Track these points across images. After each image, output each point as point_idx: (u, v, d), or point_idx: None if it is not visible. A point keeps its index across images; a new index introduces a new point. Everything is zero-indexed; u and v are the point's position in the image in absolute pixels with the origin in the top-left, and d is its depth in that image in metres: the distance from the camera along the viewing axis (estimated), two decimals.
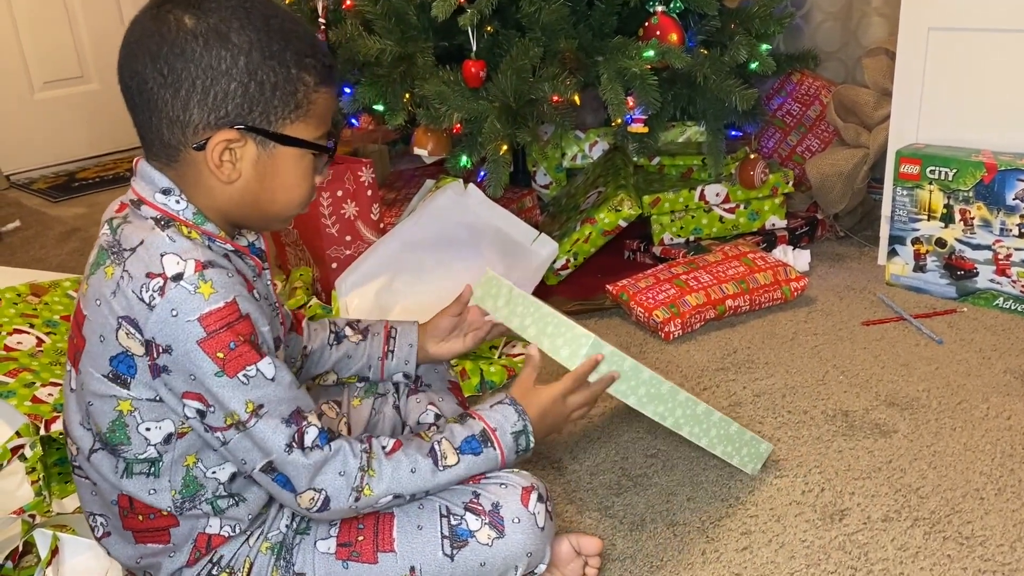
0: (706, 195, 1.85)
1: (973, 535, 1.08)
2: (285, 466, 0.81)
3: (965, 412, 1.33)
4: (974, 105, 1.68)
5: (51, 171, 2.94)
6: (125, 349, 0.77)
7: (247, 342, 0.78)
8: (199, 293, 0.76)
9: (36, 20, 2.82)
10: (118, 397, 0.79)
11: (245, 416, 0.79)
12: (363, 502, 0.84)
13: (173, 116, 0.78)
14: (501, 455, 0.91)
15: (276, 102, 0.80)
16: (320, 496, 0.82)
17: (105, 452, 0.83)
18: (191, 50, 0.77)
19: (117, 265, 0.78)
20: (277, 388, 0.80)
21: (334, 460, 0.82)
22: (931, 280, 1.71)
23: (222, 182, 0.81)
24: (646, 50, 1.61)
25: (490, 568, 0.88)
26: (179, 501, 0.84)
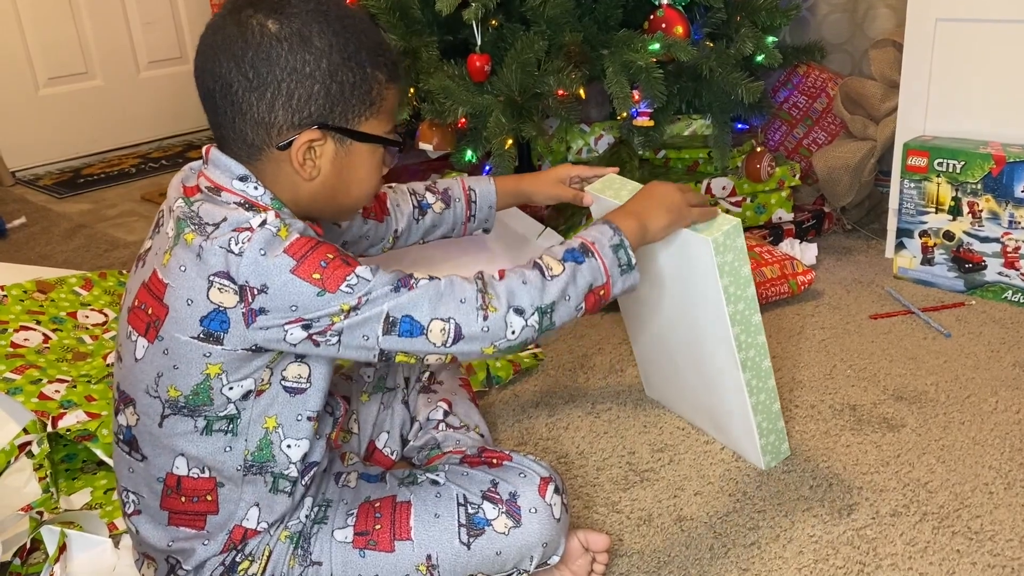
0: (712, 188, 1.84)
1: (982, 530, 1.07)
2: (403, 305, 0.80)
3: (974, 406, 1.32)
4: (982, 97, 1.67)
5: (56, 167, 2.94)
6: (218, 305, 0.78)
7: (336, 258, 0.79)
8: (279, 235, 0.78)
9: (40, 16, 2.82)
10: (208, 359, 0.80)
11: (355, 302, 0.79)
12: (492, 320, 0.82)
13: (258, 118, 0.81)
14: (603, 264, 0.90)
15: (354, 101, 0.83)
16: (450, 325, 0.81)
17: (180, 416, 0.83)
18: (276, 54, 0.80)
19: (199, 234, 0.79)
20: (381, 278, 0.81)
21: (451, 289, 0.82)
22: (939, 273, 1.70)
23: (304, 179, 0.84)
24: (652, 43, 1.60)
25: (506, 557, 0.89)
26: (249, 462, 0.85)
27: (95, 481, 1.21)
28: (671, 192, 1.01)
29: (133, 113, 3.07)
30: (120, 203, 2.55)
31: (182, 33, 3.16)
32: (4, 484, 1.16)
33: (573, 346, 1.56)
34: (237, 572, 0.87)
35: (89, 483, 1.21)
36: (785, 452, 1.21)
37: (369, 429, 1.09)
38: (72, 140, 2.97)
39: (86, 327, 1.49)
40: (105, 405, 1.22)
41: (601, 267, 0.90)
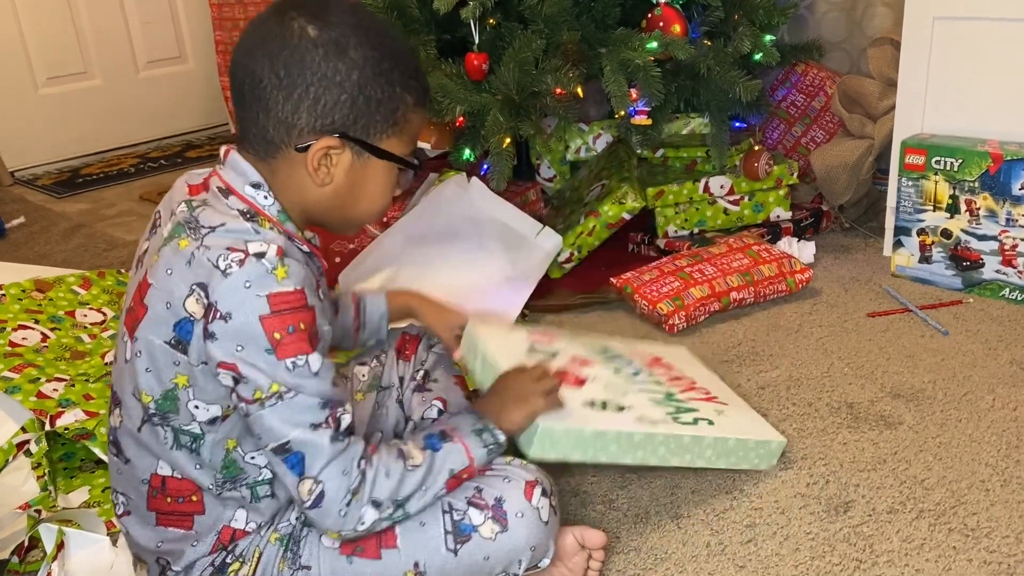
0: (710, 187, 1.84)
1: (979, 527, 1.07)
2: (305, 442, 0.80)
3: (971, 403, 1.32)
4: (980, 95, 1.67)
5: (55, 167, 2.94)
6: (189, 314, 0.79)
7: (305, 331, 0.79)
8: (274, 274, 0.78)
9: (39, 15, 2.82)
10: (176, 368, 0.81)
11: (283, 390, 0.79)
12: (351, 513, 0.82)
13: (282, 116, 0.82)
14: (465, 448, 0.89)
15: (378, 117, 0.84)
16: (318, 489, 0.81)
17: (153, 424, 0.84)
18: (310, 58, 0.81)
19: (194, 240, 0.80)
20: (319, 383, 0.80)
21: (345, 455, 0.82)
22: (937, 271, 1.71)
23: (315, 184, 0.85)
24: (649, 41, 1.61)
25: (494, 562, 0.88)
26: (220, 480, 0.86)
27: (93, 479, 1.22)
28: (526, 383, 0.98)
29: (132, 113, 3.07)
30: (119, 203, 2.56)
31: (181, 33, 3.16)
32: (2, 482, 1.16)
33: None
34: (227, 573, 0.88)
35: (87, 481, 1.21)
36: (779, 446, 1.19)
37: (363, 428, 1.09)
38: (71, 140, 2.97)
39: (84, 326, 1.49)
40: (103, 404, 1.22)
41: (463, 451, 0.89)
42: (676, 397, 1.17)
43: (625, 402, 1.10)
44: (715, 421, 1.15)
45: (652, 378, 1.20)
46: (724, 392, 1.26)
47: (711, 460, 1.13)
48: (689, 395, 1.19)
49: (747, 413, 1.23)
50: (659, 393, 1.16)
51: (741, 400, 1.27)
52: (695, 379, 1.26)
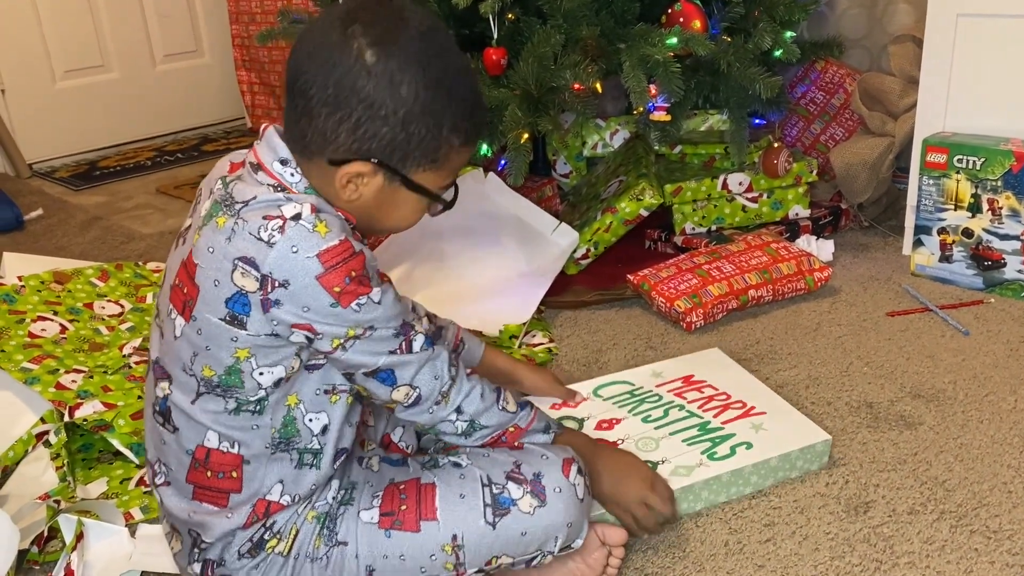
0: (729, 184, 1.83)
1: (1001, 529, 1.06)
2: (392, 362, 0.86)
3: (992, 404, 1.31)
4: (1003, 93, 1.65)
5: (73, 160, 2.95)
6: (240, 288, 0.80)
7: (360, 276, 0.81)
8: (316, 231, 0.79)
9: (58, 9, 2.83)
10: (236, 343, 0.82)
11: (359, 332, 0.83)
12: (437, 411, 0.90)
13: (322, 129, 0.82)
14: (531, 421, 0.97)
15: (418, 153, 0.84)
16: (414, 393, 0.88)
17: (212, 395, 0.84)
18: (361, 85, 0.80)
19: (230, 216, 0.81)
20: (385, 308, 0.83)
21: (434, 362, 0.88)
22: (957, 271, 1.69)
23: (343, 199, 0.85)
24: (669, 37, 1.60)
25: (531, 537, 0.89)
26: (276, 440, 0.87)
27: (111, 471, 1.22)
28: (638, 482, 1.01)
29: (149, 106, 3.08)
30: (136, 195, 2.57)
31: (198, 27, 3.17)
32: (22, 473, 1.17)
33: (587, 340, 1.56)
34: (265, 549, 0.88)
35: (105, 473, 1.22)
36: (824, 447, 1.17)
37: (383, 423, 1.09)
38: (88, 133, 2.98)
39: (102, 318, 1.49)
40: (121, 396, 1.23)
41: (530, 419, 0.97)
42: (710, 427, 1.17)
43: (657, 456, 1.12)
44: (753, 443, 1.14)
45: (683, 412, 1.21)
46: (762, 396, 1.24)
47: (759, 484, 1.14)
48: (724, 417, 1.19)
49: (788, 417, 1.20)
50: (692, 429, 1.17)
51: (780, 400, 1.24)
52: (729, 391, 1.25)
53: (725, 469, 1.10)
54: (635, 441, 1.15)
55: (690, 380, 1.28)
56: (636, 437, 1.16)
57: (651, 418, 1.20)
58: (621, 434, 1.16)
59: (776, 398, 1.24)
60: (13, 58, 2.77)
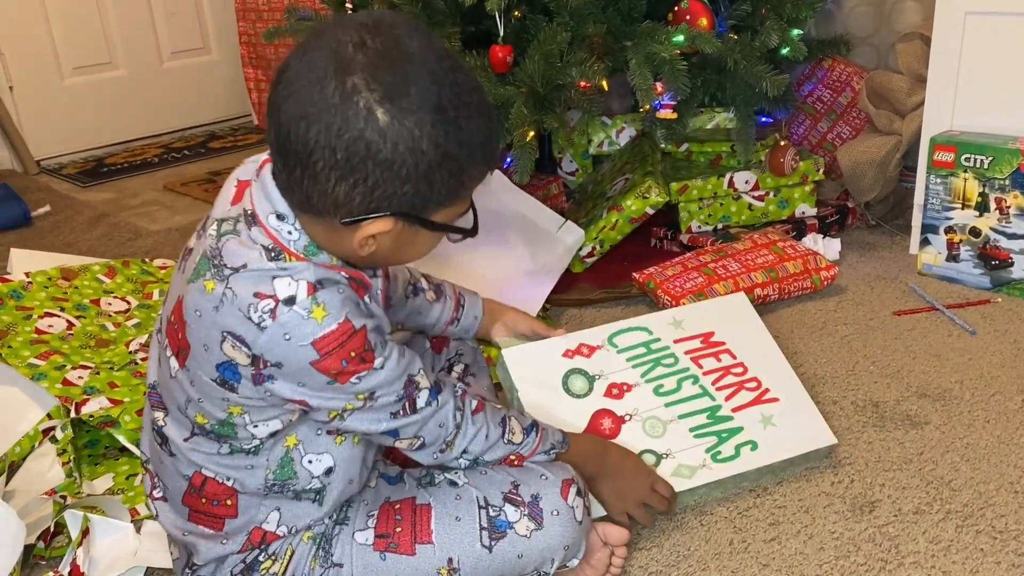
0: (735, 182, 1.83)
1: (1007, 529, 1.06)
2: (395, 428, 0.84)
3: (999, 404, 1.31)
4: (1011, 91, 1.64)
5: (80, 156, 2.96)
6: (230, 359, 0.76)
7: (360, 354, 0.77)
8: (312, 318, 0.74)
9: (66, 6, 2.84)
10: (228, 401, 0.79)
11: (359, 403, 0.81)
12: (443, 456, 0.89)
13: (332, 195, 0.73)
14: (537, 445, 0.95)
15: (441, 196, 0.76)
16: (418, 442, 0.86)
17: (205, 437, 0.83)
18: (376, 148, 0.71)
19: (219, 281, 0.76)
20: (388, 372, 0.80)
21: (439, 413, 0.86)
22: (964, 270, 1.68)
23: (358, 255, 0.78)
24: (676, 35, 1.59)
25: (527, 560, 0.88)
26: (271, 481, 0.85)
27: (117, 467, 1.22)
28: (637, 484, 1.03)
29: (156, 103, 3.09)
30: (143, 192, 2.57)
31: (205, 24, 3.17)
32: (28, 468, 1.18)
33: None
34: (259, 570, 0.87)
35: (111, 468, 1.22)
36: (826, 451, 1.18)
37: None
38: (96, 129, 2.99)
39: (109, 314, 1.50)
40: (127, 392, 1.23)
41: (534, 446, 0.94)
42: (720, 414, 1.15)
43: (662, 447, 1.11)
44: (759, 443, 1.13)
45: (696, 387, 1.17)
46: (777, 371, 1.21)
47: (761, 481, 1.14)
48: (736, 401, 1.17)
49: (798, 410, 1.18)
50: (702, 415, 1.15)
51: (796, 383, 1.21)
52: (746, 362, 1.21)
53: (727, 473, 1.10)
54: (643, 421, 1.12)
55: (709, 340, 1.22)
56: (644, 415, 1.13)
57: (663, 390, 1.16)
58: (629, 408, 1.13)
59: (790, 376, 1.21)
60: (21, 55, 2.78)
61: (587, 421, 1.11)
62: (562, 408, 1.11)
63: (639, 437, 1.11)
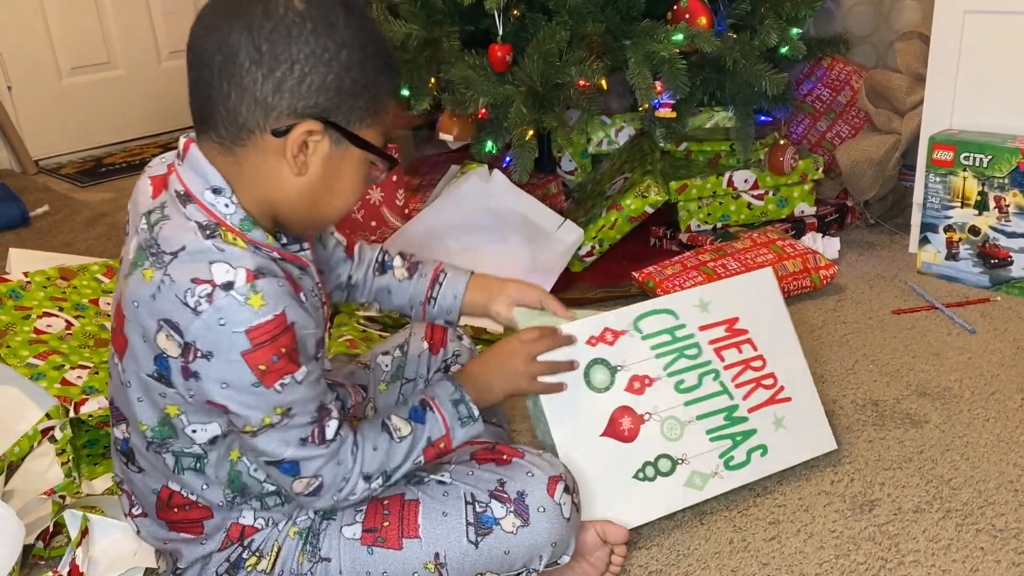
0: (734, 181, 1.83)
1: (1007, 527, 1.06)
2: (298, 457, 0.81)
3: (998, 403, 1.31)
4: (1010, 90, 1.64)
5: (78, 156, 2.96)
6: (163, 350, 0.76)
7: (288, 354, 0.76)
8: (249, 304, 0.74)
9: (64, 7, 2.84)
10: (164, 400, 0.79)
11: (276, 419, 0.79)
12: (341, 495, 0.85)
13: (260, 97, 0.75)
14: (442, 418, 0.91)
15: (360, 103, 0.78)
16: (316, 483, 0.83)
17: (152, 452, 0.83)
18: (298, 32, 0.74)
19: (157, 268, 0.75)
20: (307, 388, 0.79)
21: (342, 449, 0.84)
22: (964, 268, 1.68)
23: (291, 173, 0.78)
24: (675, 34, 1.59)
25: (514, 557, 0.88)
26: (230, 496, 0.86)
27: None
28: (515, 358, 0.98)
29: (155, 103, 3.08)
30: None
31: None
32: (27, 468, 1.17)
33: None
34: (244, 567, 0.87)
35: (110, 468, 1.22)
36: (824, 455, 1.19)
37: None
38: (94, 129, 2.99)
39: (108, 314, 1.50)
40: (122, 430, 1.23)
41: (441, 421, 0.90)
42: (736, 414, 1.13)
43: (679, 451, 1.09)
44: (769, 448, 1.13)
45: (716, 383, 1.14)
46: (794, 366, 1.19)
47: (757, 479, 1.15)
48: (752, 401, 1.15)
49: (809, 412, 1.18)
50: (719, 415, 1.12)
51: (808, 379, 1.19)
52: (765, 354, 1.17)
53: (736, 483, 1.11)
54: (662, 421, 1.09)
55: (733, 327, 1.17)
56: (664, 414, 1.09)
57: (684, 386, 1.12)
58: (649, 406, 1.09)
59: (804, 372, 1.19)
60: (20, 55, 2.77)
61: (607, 420, 1.07)
62: (582, 405, 1.06)
63: (657, 440, 1.09)
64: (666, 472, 1.08)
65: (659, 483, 1.07)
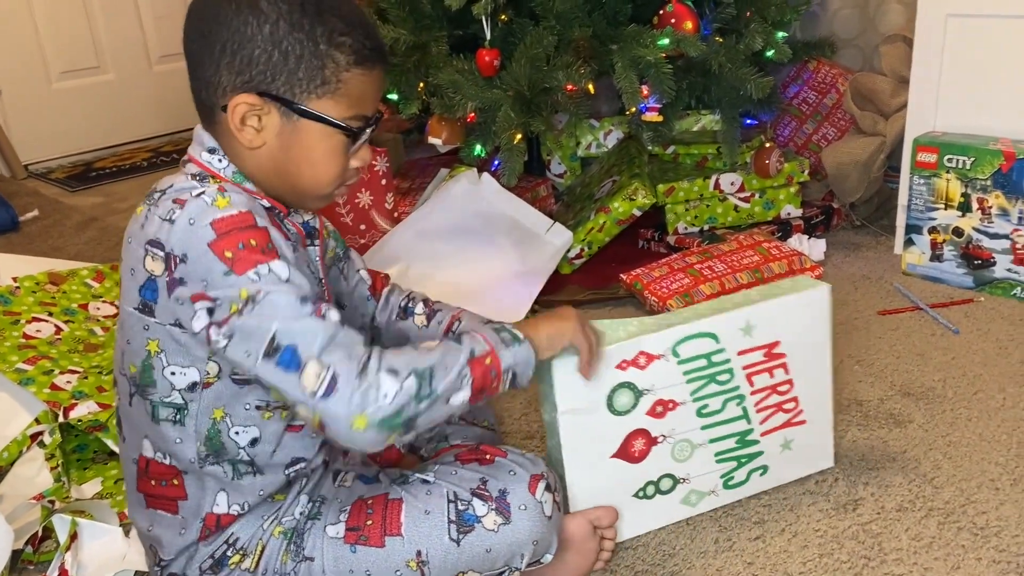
0: (721, 184, 1.84)
1: (988, 525, 1.07)
2: (293, 331, 0.75)
3: (981, 402, 1.32)
4: (993, 92, 1.66)
5: (68, 161, 2.96)
6: (150, 273, 0.80)
7: (258, 247, 0.77)
8: (215, 205, 0.79)
9: (53, 10, 2.84)
10: (147, 332, 0.82)
11: (254, 292, 0.76)
12: (364, 383, 0.75)
13: (207, 77, 0.83)
14: (482, 336, 0.85)
15: (300, 75, 0.82)
16: (327, 374, 0.74)
17: (138, 396, 0.85)
18: (223, 13, 0.81)
19: (147, 204, 0.82)
20: (292, 287, 0.77)
21: (345, 340, 0.77)
22: (948, 269, 1.70)
23: (245, 147, 0.84)
24: (661, 38, 1.60)
25: (496, 554, 0.89)
26: (203, 453, 0.86)
27: (106, 471, 1.23)
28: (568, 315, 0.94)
29: (145, 107, 3.09)
30: (131, 196, 2.57)
31: None
32: (16, 473, 1.18)
33: None
34: (227, 565, 0.88)
35: (100, 473, 1.22)
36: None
37: None
38: (84, 134, 2.99)
39: (98, 319, 1.50)
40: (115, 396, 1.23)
41: (481, 339, 0.84)
42: (748, 438, 1.11)
43: (682, 471, 1.09)
44: (770, 468, 1.13)
45: (739, 409, 1.10)
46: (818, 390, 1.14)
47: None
48: (768, 424, 1.12)
49: (818, 433, 1.16)
50: (732, 439, 1.10)
51: (827, 402, 1.16)
52: (795, 380, 1.12)
53: (730, 500, 1.11)
54: (674, 444, 1.07)
55: (772, 351, 1.10)
56: (678, 436, 1.07)
57: (706, 410, 1.08)
58: (666, 429, 1.06)
59: (825, 395, 1.15)
60: (9, 60, 2.77)
61: (620, 442, 1.04)
62: (599, 424, 1.03)
63: (664, 460, 1.07)
64: (666, 491, 1.09)
65: (656, 500, 1.08)
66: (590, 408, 1.02)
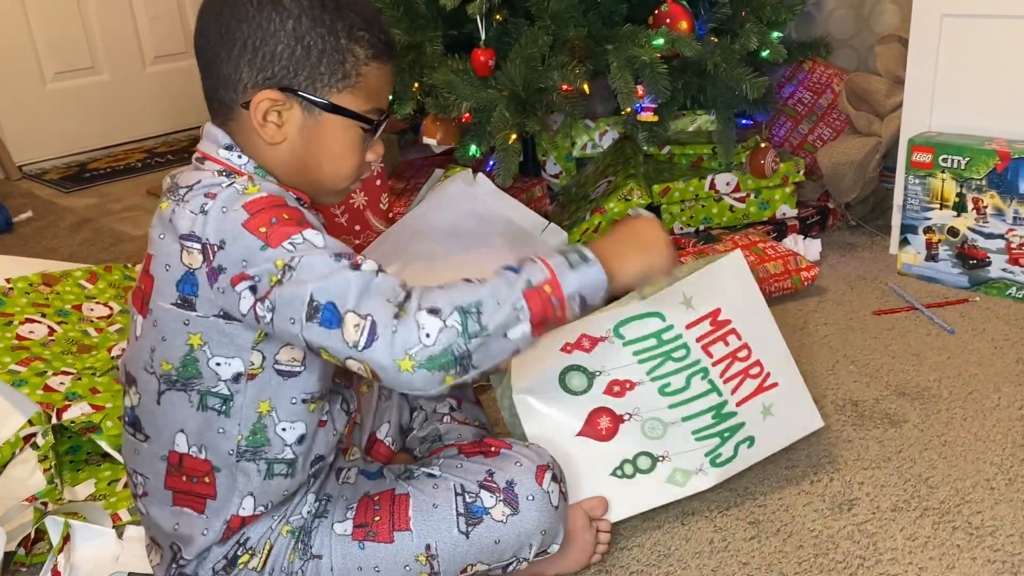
0: (716, 184, 1.84)
1: (983, 525, 1.07)
2: (328, 288, 0.74)
3: (976, 402, 1.32)
4: (988, 93, 1.66)
5: (62, 162, 2.95)
6: (188, 267, 0.79)
7: (291, 220, 0.78)
8: (245, 193, 0.79)
9: (47, 11, 2.83)
10: (188, 327, 0.81)
11: (290, 259, 0.75)
12: (402, 322, 0.73)
13: (226, 74, 0.83)
14: (543, 262, 0.79)
15: (322, 69, 0.83)
16: (367, 323, 0.73)
17: (175, 390, 0.84)
18: (244, 10, 0.81)
19: (173, 200, 0.81)
20: (328, 250, 0.77)
21: (382, 285, 0.75)
22: (943, 269, 1.70)
23: (267, 142, 0.84)
24: (656, 38, 1.60)
25: (504, 545, 0.89)
26: (242, 447, 0.85)
27: (99, 473, 1.22)
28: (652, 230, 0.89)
29: (139, 108, 3.08)
30: (126, 197, 2.56)
31: (188, 28, 3.16)
32: (9, 475, 1.17)
33: None
34: (238, 565, 0.88)
35: (93, 475, 1.22)
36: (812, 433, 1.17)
37: (370, 420, 1.09)
38: (78, 134, 2.98)
39: (91, 320, 1.49)
40: (109, 398, 1.23)
41: (541, 265, 0.79)
42: (725, 411, 1.09)
43: (660, 449, 1.07)
44: (756, 438, 1.11)
45: (705, 382, 1.09)
46: (776, 350, 1.15)
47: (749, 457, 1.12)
48: (741, 393, 1.11)
49: (794, 394, 1.15)
50: (707, 415, 1.09)
51: (790, 360, 1.15)
52: (750, 342, 1.12)
53: (722, 478, 1.09)
54: (643, 421, 1.07)
55: (717, 319, 1.11)
56: (646, 415, 1.07)
57: (669, 389, 1.07)
58: (630, 407, 1.06)
59: (785, 354, 1.16)
60: (2, 60, 2.76)
61: (583, 420, 1.06)
62: (558, 406, 1.05)
63: (636, 438, 1.06)
64: (645, 469, 1.08)
65: (639, 480, 1.07)
66: (545, 387, 1.05)
